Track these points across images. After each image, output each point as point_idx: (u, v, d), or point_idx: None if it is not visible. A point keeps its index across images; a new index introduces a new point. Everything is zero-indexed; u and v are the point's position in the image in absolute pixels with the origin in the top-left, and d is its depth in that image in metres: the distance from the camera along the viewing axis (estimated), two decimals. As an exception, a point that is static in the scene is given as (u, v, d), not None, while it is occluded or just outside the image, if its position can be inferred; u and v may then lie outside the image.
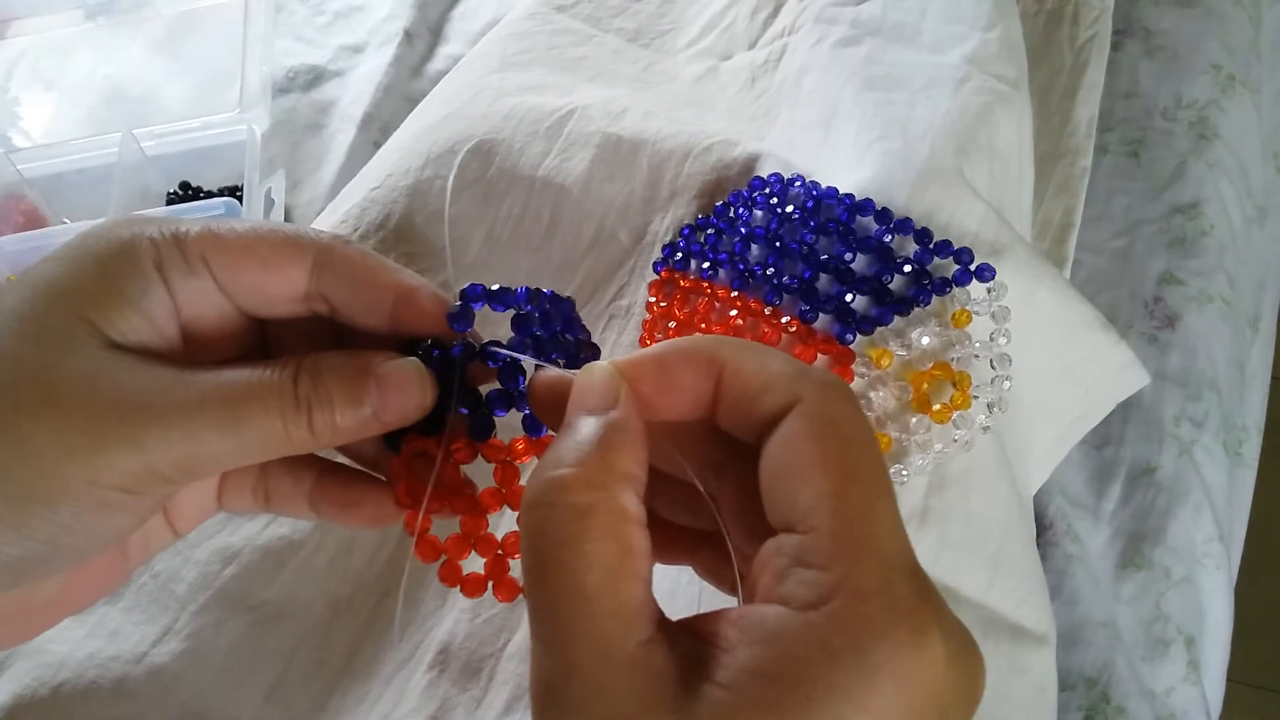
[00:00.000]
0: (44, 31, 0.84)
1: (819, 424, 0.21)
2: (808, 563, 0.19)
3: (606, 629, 0.19)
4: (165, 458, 0.22)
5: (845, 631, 0.18)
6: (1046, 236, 0.69)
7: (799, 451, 0.21)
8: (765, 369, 0.22)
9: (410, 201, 0.55)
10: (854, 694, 0.17)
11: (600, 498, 0.20)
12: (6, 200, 0.70)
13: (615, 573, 0.20)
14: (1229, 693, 0.64)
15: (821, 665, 0.18)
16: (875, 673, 0.18)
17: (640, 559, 0.21)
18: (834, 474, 0.20)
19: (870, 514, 0.20)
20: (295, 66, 0.80)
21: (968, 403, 0.43)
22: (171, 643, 0.44)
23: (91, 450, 0.22)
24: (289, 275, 0.25)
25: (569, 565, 0.20)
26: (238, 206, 0.67)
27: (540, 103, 0.58)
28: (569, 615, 0.19)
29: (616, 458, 0.21)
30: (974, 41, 0.54)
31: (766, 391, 0.22)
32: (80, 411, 0.22)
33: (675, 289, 0.51)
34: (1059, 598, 0.62)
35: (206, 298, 0.25)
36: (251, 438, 0.23)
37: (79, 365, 0.22)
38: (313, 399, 0.24)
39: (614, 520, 0.20)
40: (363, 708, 0.44)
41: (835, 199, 0.47)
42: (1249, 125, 0.80)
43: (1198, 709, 0.61)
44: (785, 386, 0.22)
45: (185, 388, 0.23)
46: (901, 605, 0.18)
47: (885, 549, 0.19)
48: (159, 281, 0.24)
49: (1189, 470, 0.67)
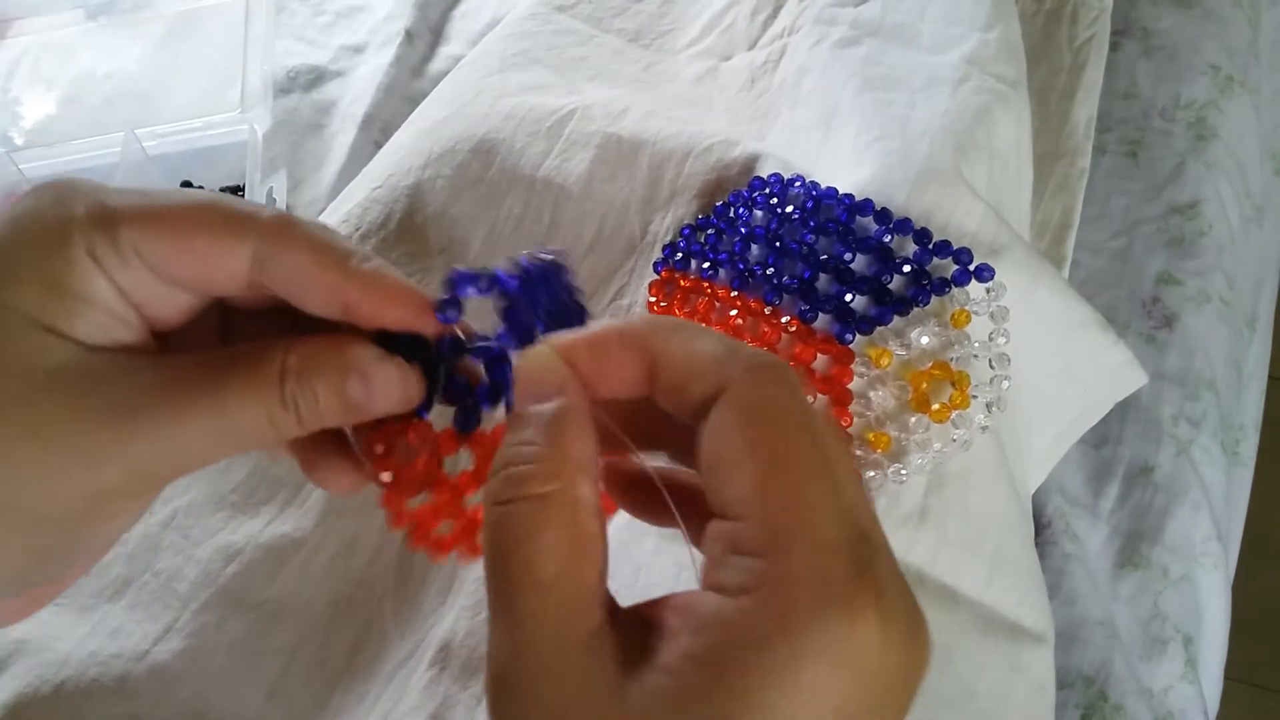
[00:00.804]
0: (45, 31, 0.84)
1: (745, 411, 0.21)
2: (740, 550, 0.20)
3: (560, 615, 0.20)
4: (157, 461, 0.22)
5: (774, 616, 0.18)
6: (1045, 236, 0.69)
7: (727, 440, 0.21)
8: (692, 355, 0.22)
9: (411, 201, 0.55)
10: (785, 677, 0.18)
11: (556, 489, 0.21)
12: (7, 200, 0.70)
13: (570, 561, 0.20)
14: (1226, 691, 0.64)
15: (753, 650, 0.18)
16: (804, 655, 0.18)
17: (594, 545, 0.21)
18: (761, 461, 0.20)
19: (799, 499, 0.20)
20: (296, 66, 0.80)
21: (966, 402, 0.43)
22: (173, 641, 0.44)
23: (87, 467, 0.22)
24: (227, 267, 0.24)
25: (526, 555, 0.20)
26: (239, 206, 0.67)
27: (541, 103, 0.58)
28: (525, 602, 0.20)
29: (569, 445, 0.22)
30: (973, 42, 0.55)
31: (695, 378, 0.22)
32: (69, 431, 0.22)
33: (675, 289, 0.51)
34: (1057, 596, 0.62)
35: (147, 284, 0.24)
36: (239, 435, 0.23)
37: (56, 382, 0.22)
38: (299, 396, 0.23)
39: (569, 510, 0.21)
40: (364, 706, 0.45)
41: (835, 199, 0.47)
42: (1247, 126, 0.80)
43: (1195, 707, 0.61)
44: (713, 372, 0.21)
45: (168, 387, 0.22)
46: (834, 587, 0.19)
47: (818, 533, 0.19)
48: (99, 272, 0.23)
49: (1187, 469, 0.67)
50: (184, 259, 0.23)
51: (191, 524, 0.47)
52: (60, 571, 0.24)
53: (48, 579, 0.24)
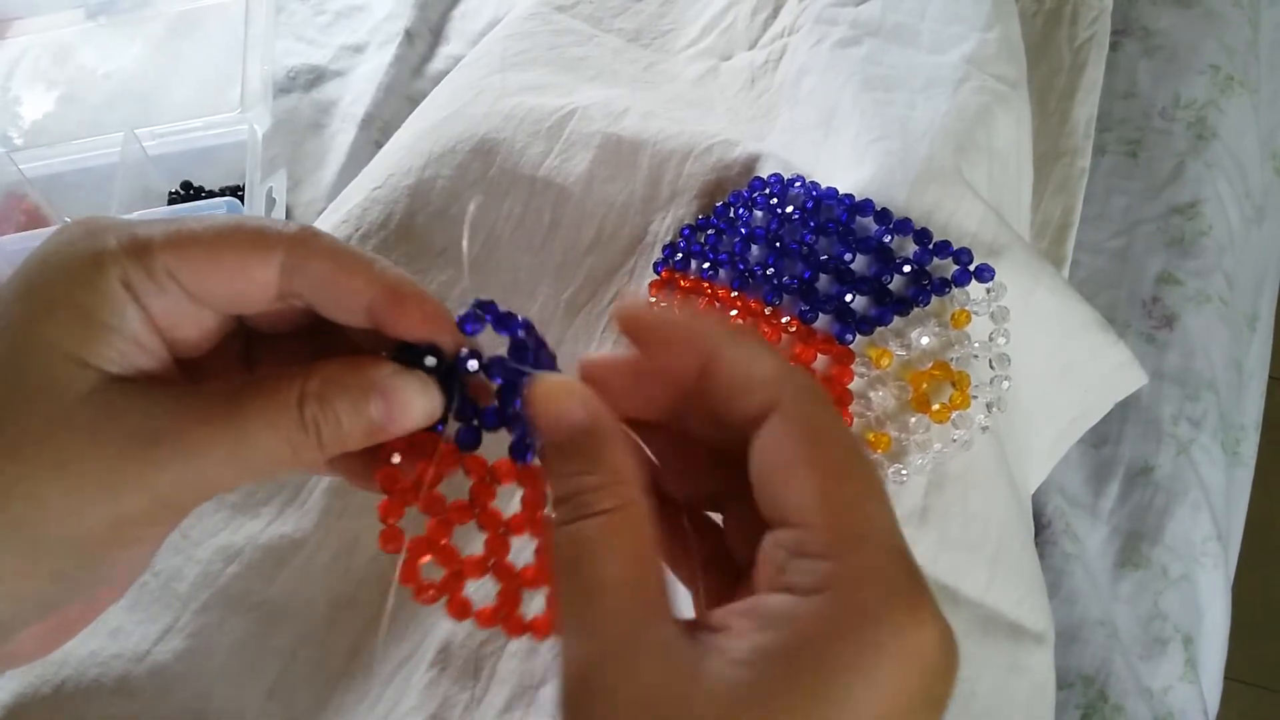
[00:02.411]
0: (45, 31, 0.84)
1: (804, 427, 0.22)
2: (806, 553, 0.21)
3: (636, 614, 0.21)
4: (179, 490, 0.23)
5: (850, 612, 0.19)
6: (1045, 236, 0.69)
7: (788, 452, 0.22)
8: (753, 367, 0.23)
9: (412, 201, 0.55)
10: (862, 667, 0.19)
11: (618, 503, 0.22)
12: (8, 199, 0.70)
13: (639, 565, 0.21)
14: (1226, 691, 0.64)
15: (831, 641, 0.19)
16: (880, 648, 0.19)
17: (656, 552, 0.22)
18: (823, 472, 0.21)
19: (861, 506, 0.21)
20: (296, 66, 0.80)
21: (967, 402, 0.43)
22: (173, 641, 0.44)
23: (110, 498, 0.22)
24: (258, 279, 0.24)
25: (598, 562, 0.21)
26: (239, 206, 0.67)
27: (541, 103, 0.58)
28: (601, 604, 0.21)
29: (619, 464, 0.22)
30: (973, 42, 0.55)
31: (751, 390, 0.23)
32: (92, 461, 0.22)
33: (675, 289, 0.51)
34: (1057, 596, 0.62)
35: (179, 308, 0.24)
36: (260, 461, 0.23)
37: (80, 413, 0.22)
38: (320, 419, 0.24)
39: (632, 519, 0.22)
40: (364, 706, 0.45)
41: (835, 199, 0.47)
42: (1247, 125, 0.80)
43: (1195, 707, 0.61)
44: (771, 387, 0.23)
45: (189, 416, 0.23)
46: (898, 587, 0.20)
47: (878, 537, 0.21)
48: (131, 301, 0.23)
49: (1187, 469, 0.67)
50: (216, 276, 0.24)
51: (191, 524, 0.47)
52: (83, 595, 0.25)
53: (70, 602, 0.25)
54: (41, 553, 0.22)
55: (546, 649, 0.44)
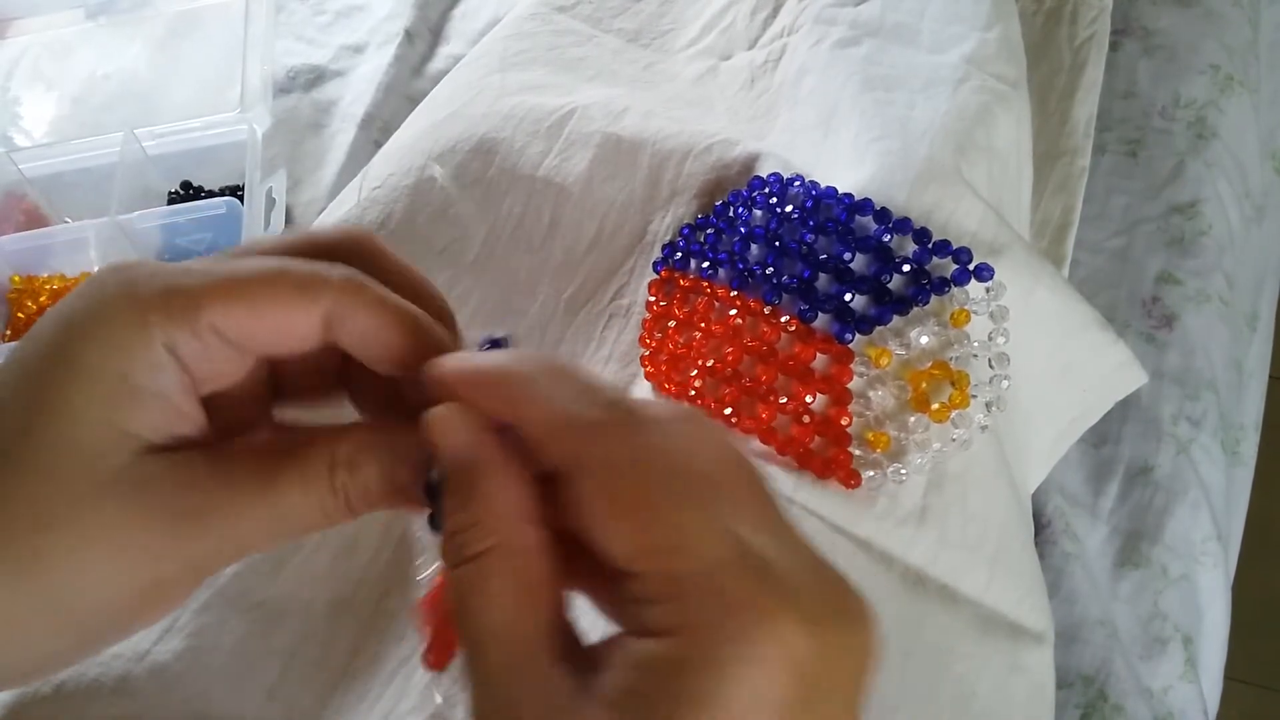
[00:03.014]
0: (44, 31, 0.84)
1: (600, 477, 0.21)
2: (647, 598, 0.20)
3: (513, 664, 0.21)
4: (213, 556, 0.23)
5: (695, 644, 0.19)
6: (1045, 236, 0.69)
7: (595, 509, 0.21)
8: (548, 417, 0.22)
9: (412, 201, 0.55)
10: (713, 695, 0.19)
11: (491, 544, 0.21)
12: (8, 199, 0.70)
13: (517, 608, 0.21)
14: (1226, 691, 0.64)
15: (685, 679, 0.19)
16: (724, 668, 0.19)
17: (541, 586, 0.22)
18: (630, 519, 0.21)
19: (676, 539, 0.20)
20: (296, 66, 0.80)
21: (966, 402, 0.43)
22: (173, 641, 0.44)
23: (146, 566, 0.22)
24: (301, 332, 0.24)
25: (475, 610, 0.21)
26: (239, 206, 0.67)
27: (541, 102, 0.58)
28: (481, 656, 0.21)
29: (492, 500, 0.22)
30: (973, 41, 0.55)
31: (548, 442, 0.22)
32: (129, 532, 0.22)
33: (675, 288, 0.51)
34: (1056, 596, 0.62)
35: (220, 355, 0.24)
36: (293, 526, 0.24)
37: (119, 482, 0.22)
38: (349, 485, 0.24)
39: (508, 560, 0.22)
40: (364, 706, 0.45)
41: (834, 199, 0.47)
42: (1247, 125, 0.80)
43: (1195, 707, 0.61)
44: (564, 441, 0.22)
45: (224, 486, 0.23)
46: (735, 599, 0.19)
47: (706, 558, 0.20)
48: (175, 367, 0.23)
49: (1187, 469, 0.67)
50: (259, 328, 0.24)
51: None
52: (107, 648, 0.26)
53: (95, 655, 0.26)
54: (74, 618, 0.23)
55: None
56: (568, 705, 0.20)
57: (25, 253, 0.67)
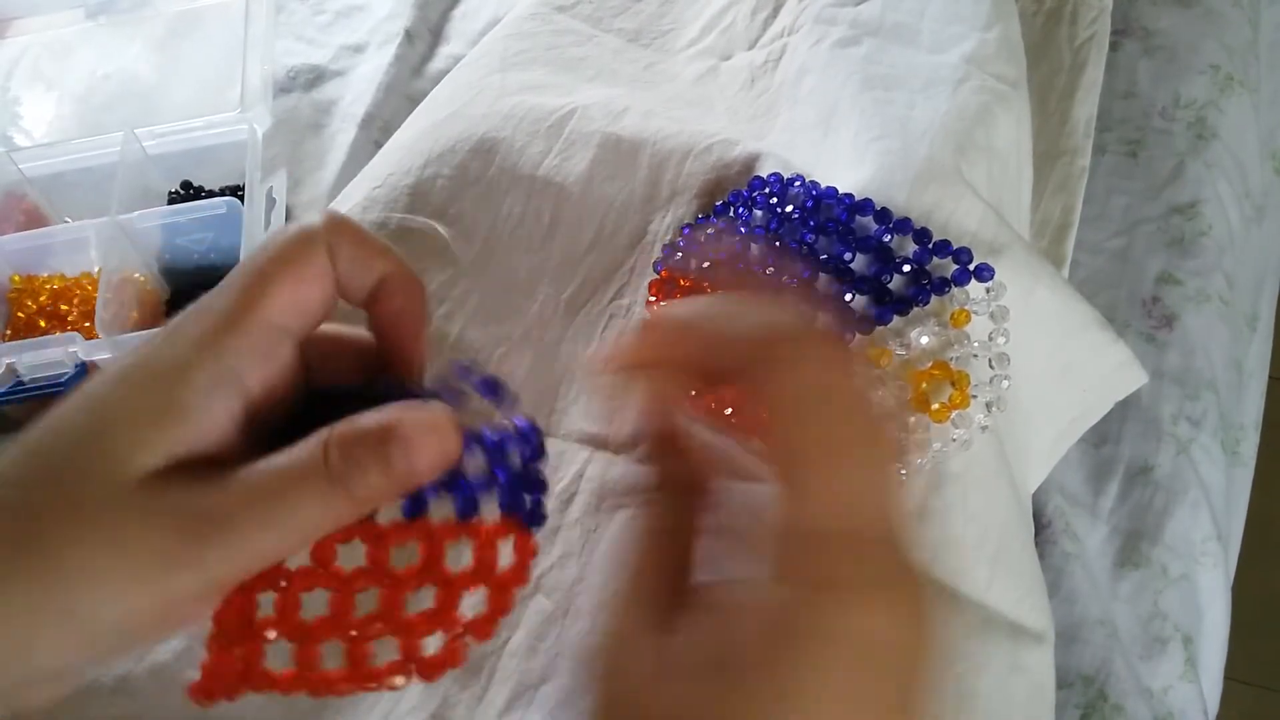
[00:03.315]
0: (45, 31, 0.84)
1: (773, 399, 0.23)
2: (761, 549, 0.21)
3: (632, 616, 0.23)
4: (230, 569, 0.24)
5: (797, 611, 0.20)
6: (1045, 236, 0.69)
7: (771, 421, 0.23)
8: (733, 325, 0.24)
9: (412, 201, 0.55)
10: (801, 660, 0.20)
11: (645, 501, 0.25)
12: (8, 199, 0.70)
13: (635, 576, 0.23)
14: (1226, 691, 0.64)
15: (775, 633, 0.20)
16: (816, 639, 0.20)
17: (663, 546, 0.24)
18: (787, 452, 0.22)
19: (848, 496, 0.21)
20: (296, 66, 0.80)
21: (966, 402, 0.43)
22: (173, 641, 0.44)
23: (161, 579, 0.23)
24: (323, 280, 0.26)
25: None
26: (239, 206, 0.67)
27: (541, 102, 0.58)
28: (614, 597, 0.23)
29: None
30: (973, 41, 0.55)
31: (733, 348, 0.24)
32: (146, 543, 0.23)
33: (675, 288, 0.51)
34: (1057, 596, 0.62)
35: (271, 360, 0.25)
36: (301, 527, 0.24)
37: (143, 494, 0.23)
38: (347, 472, 0.24)
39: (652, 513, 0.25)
40: (364, 705, 0.45)
41: (835, 199, 0.47)
42: (1247, 125, 0.80)
43: (1195, 707, 0.61)
44: (752, 345, 0.23)
45: (236, 496, 0.24)
46: (838, 578, 0.20)
47: (858, 519, 0.21)
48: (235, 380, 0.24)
49: (1187, 469, 0.67)
50: (300, 292, 0.25)
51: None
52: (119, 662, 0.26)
53: (107, 671, 0.26)
54: (90, 634, 0.23)
55: (546, 649, 0.44)
56: (658, 659, 0.21)
57: (25, 252, 0.67)
